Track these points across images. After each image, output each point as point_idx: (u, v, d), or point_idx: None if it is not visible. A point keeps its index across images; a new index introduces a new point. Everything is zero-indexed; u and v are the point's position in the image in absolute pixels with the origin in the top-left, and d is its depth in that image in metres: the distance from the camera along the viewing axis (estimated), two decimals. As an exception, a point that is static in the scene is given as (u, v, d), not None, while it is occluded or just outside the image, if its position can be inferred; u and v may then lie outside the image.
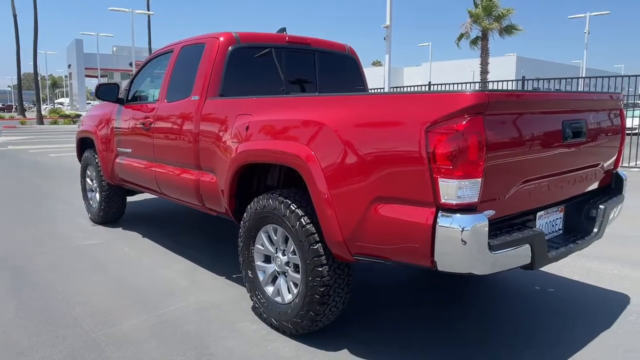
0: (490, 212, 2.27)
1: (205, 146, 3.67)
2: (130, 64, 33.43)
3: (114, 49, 56.34)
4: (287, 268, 3.03)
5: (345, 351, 2.86)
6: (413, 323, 3.24)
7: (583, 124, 2.83)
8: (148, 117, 4.42)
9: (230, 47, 3.82)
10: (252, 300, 3.26)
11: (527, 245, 2.37)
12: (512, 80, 13.77)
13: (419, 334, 3.08)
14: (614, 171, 3.37)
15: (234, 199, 3.42)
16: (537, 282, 3.94)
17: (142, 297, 3.64)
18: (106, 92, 5.02)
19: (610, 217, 3.11)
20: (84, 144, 6.04)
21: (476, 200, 2.19)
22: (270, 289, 3.17)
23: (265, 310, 3.14)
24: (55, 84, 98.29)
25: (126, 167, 4.92)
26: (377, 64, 67.13)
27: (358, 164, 2.49)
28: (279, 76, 4.15)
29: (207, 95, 3.74)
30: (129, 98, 5.03)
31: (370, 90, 6.30)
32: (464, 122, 2.14)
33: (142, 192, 5.42)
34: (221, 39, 3.84)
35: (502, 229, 2.42)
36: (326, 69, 4.49)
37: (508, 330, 3.17)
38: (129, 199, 5.90)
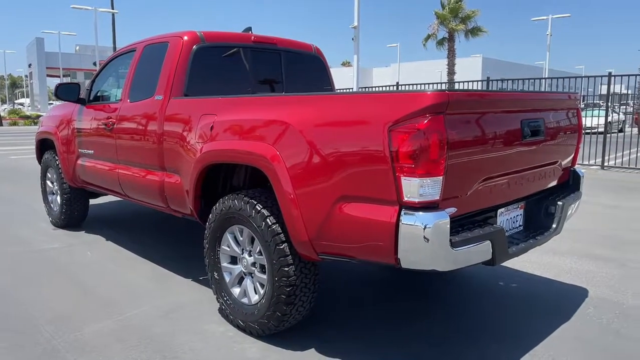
0: (452, 210, 2.31)
1: (169, 147, 3.61)
2: (94, 64, 32.59)
3: (77, 48, 54.98)
4: (254, 269, 3.01)
5: (312, 350, 2.86)
6: (379, 321, 3.27)
7: (541, 122, 2.92)
8: (110, 118, 4.33)
9: (194, 46, 3.77)
10: (218, 302, 3.23)
11: (488, 242, 2.43)
12: (477, 81, 14.06)
13: (385, 332, 3.11)
14: (571, 169, 3.48)
15: (199, 200, 3.38)
16: (501, 278, 4.04)
17: (106, 302, 3.56)
18: (66, 92, 4.89)
19: (569, 213, 3.22)
20: (44, 146, 5.85)
21: (438, 198, 2.23)
22: (236, 290, 3.14)
23: (232, 312, 3.11)
24: (14, 84, 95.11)
25: (88, 169, 4.79)
26: (346, 64, 67.49)
27: (322, 164, 2.50)
28: (246, 76, 4.12)
29: (171, 95, 3.68)
30: (91, 98, 4.91)
31: (337, 91, 6.33)
32: (425, 121, 2.17)
33: (105, 195, 5.29)
34: (185, 37, 3.79)
35: (464, 225, 2.47)
36: (293, 69, 4.48)
37: (472, 326, 3.23)
38: (92, 201, 5.75)
